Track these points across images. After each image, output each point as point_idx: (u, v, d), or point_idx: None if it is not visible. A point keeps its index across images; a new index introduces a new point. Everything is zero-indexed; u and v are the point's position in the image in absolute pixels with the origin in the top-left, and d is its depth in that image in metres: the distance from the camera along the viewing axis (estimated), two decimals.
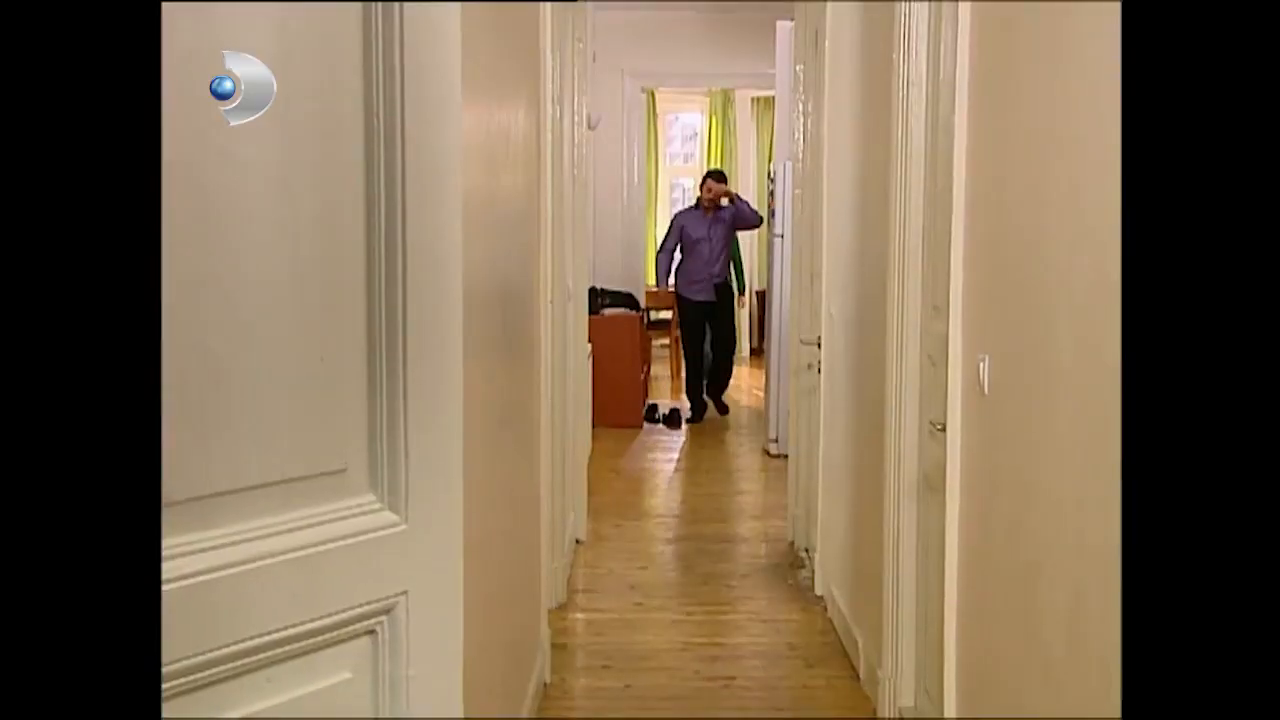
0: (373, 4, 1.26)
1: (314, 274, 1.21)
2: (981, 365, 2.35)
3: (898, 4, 3.04)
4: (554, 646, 3.76)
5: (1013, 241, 2.20)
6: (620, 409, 7.68)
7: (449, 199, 1.30)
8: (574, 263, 4.94)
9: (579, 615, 4.24)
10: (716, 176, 8.13)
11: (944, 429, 2.57)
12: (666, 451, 7.25)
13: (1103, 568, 1.72)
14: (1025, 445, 2.13)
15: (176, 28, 1.05)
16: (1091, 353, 1.79)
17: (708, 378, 8.20)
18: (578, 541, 5.05)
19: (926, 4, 2.91)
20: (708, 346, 8.12)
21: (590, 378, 5.83)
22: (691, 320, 8.07)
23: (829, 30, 4.24)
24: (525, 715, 3.18)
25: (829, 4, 4.25)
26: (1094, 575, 1.78)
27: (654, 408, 8.16)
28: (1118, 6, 1.58)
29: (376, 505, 1.28)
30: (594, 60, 7.20)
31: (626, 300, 8.36)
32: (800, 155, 4.93)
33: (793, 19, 5.24)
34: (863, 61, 3.80)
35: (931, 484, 2.89)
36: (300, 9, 1.20)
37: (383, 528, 1.27)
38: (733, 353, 8.42)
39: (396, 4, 1.26)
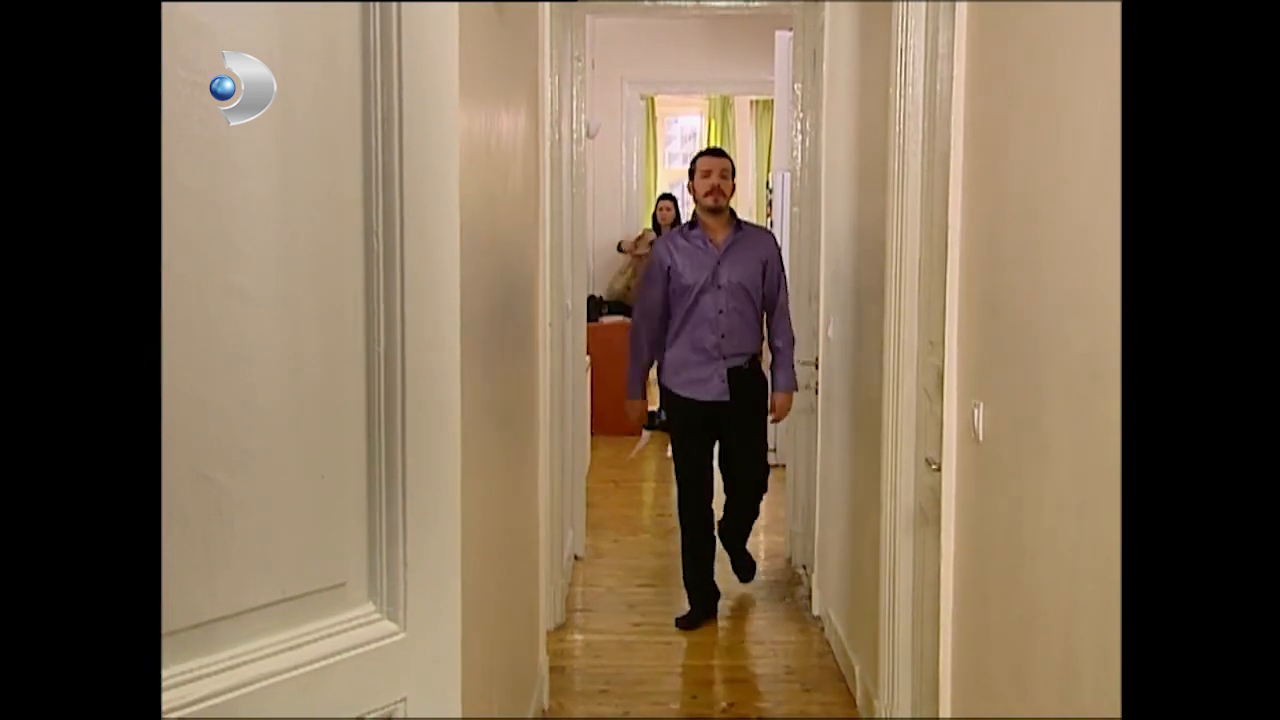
0: (371, 4, 1.24)
1: (314, 393, 1.22)
2: (976, 412, 2.35)
3: (894, 37, 3.04)
4: (552, 670, 3.78)
5: (1007, 289, 2.20)
6: (619, 417, 7.62)
7: (447, 306, 1.31)
8: (573, 280, 4.95)
9: (578, 636, 4.26)
10: (715, 154, 4.49)
11: (939, 469, 2.58)
12: (665, 460, 7.24)
13: (1097, 629, 1.73)
14: (1020, 499, 2.14)
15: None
16: (1086, 410, 1.79)
17: (722, 522, 4.58)
18: (576, 558, 5.07)
19: (922, 40, 2.91)
20: (721, 482, 4.55)
21: (589, 388, 5.83)
22: (684, 434, 4.40)
23: (826, 53, 4.25)
24: None
25: (826, 25, 4.25)
26: (1088, 637, 1.79)
27: (654, 415, 8.16)
28: (1111, 68, 1.59)
29: (376, 616, 1.29)
30: (592, 67, 7.19)
31: (626, 307, 8.36)
32: (798, 173, 4.94)
33: (791, 30, 5.24)
34: (861, 88, 3.80)
35: (927, 516, 2.90)
36: (300, 9, 1.18)
37: (382, 638, 1.28)
38: (762, 488, 4.57)
39: (395, 4, 1.25)
